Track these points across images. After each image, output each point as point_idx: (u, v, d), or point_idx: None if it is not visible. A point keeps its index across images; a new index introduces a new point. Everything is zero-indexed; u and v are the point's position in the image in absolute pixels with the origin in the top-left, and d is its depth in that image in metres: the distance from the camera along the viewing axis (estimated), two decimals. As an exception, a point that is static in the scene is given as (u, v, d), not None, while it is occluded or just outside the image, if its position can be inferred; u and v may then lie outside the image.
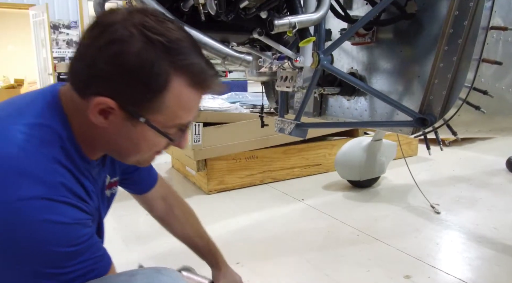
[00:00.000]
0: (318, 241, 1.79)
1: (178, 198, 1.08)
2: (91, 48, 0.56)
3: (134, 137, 0.62)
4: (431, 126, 0.89)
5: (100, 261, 0.63)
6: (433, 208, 2.13)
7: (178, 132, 0.64)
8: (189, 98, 0.60)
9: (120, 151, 0.66)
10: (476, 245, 1.72)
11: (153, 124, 0.59)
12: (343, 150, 2.43)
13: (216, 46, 0.74)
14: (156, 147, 0.65)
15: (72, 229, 0.57)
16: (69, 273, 0.58)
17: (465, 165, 3.07)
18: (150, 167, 0.98)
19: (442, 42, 0.88)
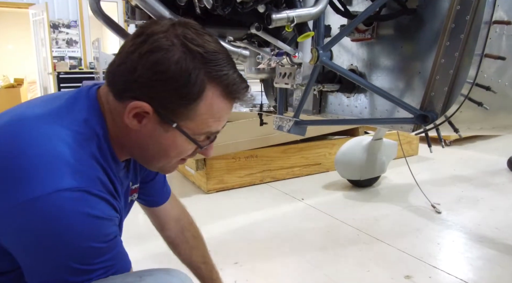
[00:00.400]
0: (318, 240, 1.77)
1: (191, 221, 1.07)
2: (133, 54, 0.59)
3: (164, 142, 0.64)
4: (433, 123, 0.87)
5: (122, 261, 0.63)
6: (434, 207, 2.11)
7: (206, 140, 0.66)
8: (221, 108, 0.62)
9: (147, 156, 0.68)
10: (478, 245, 1.70)
11: (184, 130, 0.62)
12: (343, 149, 2.41)
13: (211, 39, 0.72)
14: (183, 154, 0.67)
15: (104, 224, 0.58)
16: (93, 271, 0.57)
17: (466, 164, 3.05)
18: (164, 181, 0.98)
19: (443, 37, 0.86)
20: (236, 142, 2.42)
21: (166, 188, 0.99)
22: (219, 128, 0.65)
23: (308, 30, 0.79)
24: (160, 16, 0.67)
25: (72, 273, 0.56)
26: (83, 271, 0.56)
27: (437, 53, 0.87)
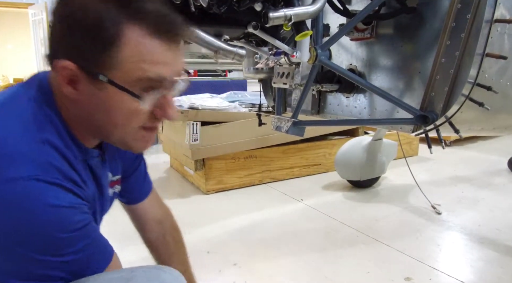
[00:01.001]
0: (317, 241, 1.76)
1: (174, 225, 1.01)
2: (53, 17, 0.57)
3: (104, 104, 0.57)
4: (433, 124, 0.86)
5: (100, 252, 0.59)
6: (434, 208, 2.10)
7: (151, 92, 0.58)
8: (152, 49, 0.55)
9: (100, 128, 0.61)
10: (478, 246, 1.69)
11: (114, 81, 0.55)
12: (343, 149, 2.40)
13: (207, 39, 0.71)
14: (133, 116, 0.59)
15: (65, 213, 0.53)
16: (64, 263, 0.54)
17: (466, 165, 3.04)
18: (145, 176, 0.92)
19: (444, 36, 0.85)
20: (235, 143, 2.40)
21: (146, 184, 0.93)
22: (161, 72, 0.56)
23: (306, 29, 0.78)
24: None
25: (37, 264, 0.53)
26: (52, 262, 0.53)
27: (437, 53, 0.86)
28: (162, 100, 0.60)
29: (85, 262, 0.56)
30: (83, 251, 0.56)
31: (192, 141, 2.35)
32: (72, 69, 0.55)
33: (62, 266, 0.54)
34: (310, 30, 0.77)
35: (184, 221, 0.75)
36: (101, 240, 0.61)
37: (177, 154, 2.81)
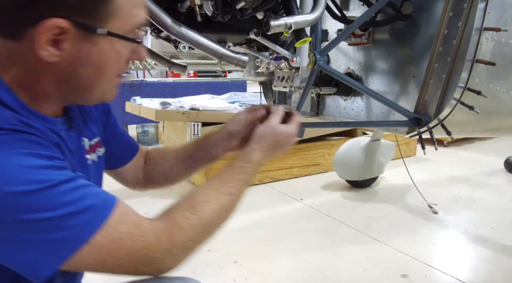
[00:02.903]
0: (316, 240, 1.80)
1: (153, 153, 0.93)
2: None
3: (96, 59, 0.55)
4: (426, 126, 0.90)
5: (98, 200, 0.54)
6: (431, 208, 2.13)
7: (138, 36, 0.59)
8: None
9: (81, 88, 0.58)
10: (474, 244, 1.73)
11: (116, 33, 0.54)
12: (342, 150, 2.43)
13: (212, 46, 0.75)
14: (119, 64, 0.59)
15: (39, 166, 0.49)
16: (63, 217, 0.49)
17: (463, 165, 3.07)
18: (124, 134, 0.87)
19: (437, 43, 0.89)
20: (235, 143, 2.43)
21: (131, 141, 0.88)
22: (143, 16, 0.58)
23: (306, 36, 0.81)
24: (162, 22, 0.69)
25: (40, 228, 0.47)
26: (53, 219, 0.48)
27: (430, 58, 0.90)
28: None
29: (85, 213, 0.51)
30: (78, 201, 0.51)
31: (193, 142, 2.38)
32: (63, 27, 0.51)
33: (62, 221, 0.49)
34: (309, 37, 0.81)
35: None
36: (96, 190, 0.56)
37: (178, 154, 2.84)
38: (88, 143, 0.70)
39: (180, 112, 2.40)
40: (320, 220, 2.03)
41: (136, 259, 0.54)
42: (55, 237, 0.49)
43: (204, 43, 0.74)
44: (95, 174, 0.73)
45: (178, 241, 0.57)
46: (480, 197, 2.34)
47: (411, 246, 1.70)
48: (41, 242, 0.48)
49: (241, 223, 1.99)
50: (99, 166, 0.75)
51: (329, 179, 2.68)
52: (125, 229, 0.54)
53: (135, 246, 0.54)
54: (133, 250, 0.54)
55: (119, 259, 0.53)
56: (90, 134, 0.72)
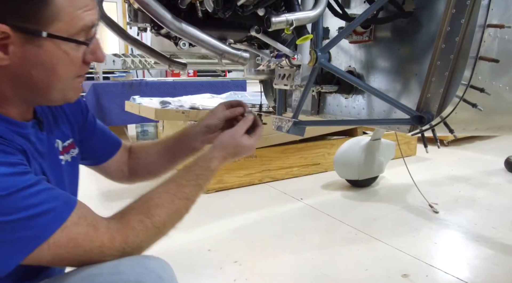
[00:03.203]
0: (317, 240, 1.79)
1: (135, 145, 0.99)
2: None
3: (45, 61, 0.58)
4: (428, 124, 0.89)
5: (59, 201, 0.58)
6: (431, 207, 2.13)
7: (88, 40, 0.61)
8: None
9: (37, 90, 0.61)
10: (475, 244, 1.72)
11: (58, 35, 0.56)
12: (342, 149, 2.42)
13: (212, 42, 0.74)
14: (74, 65, 0.61)
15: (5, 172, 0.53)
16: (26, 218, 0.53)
17: (464, 165, 3.07)
18: (104, 131, 0.90)
19: (439, 40, 0.88)
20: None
21: (113, 137, 0.91)
22: (93, 18, 0.60)
23: (307, 33, 0.81)
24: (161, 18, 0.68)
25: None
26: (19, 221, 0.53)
27: (433, 55, 0.89)
28: (92, 45, 0.63)
29: (45, 215, 0.55)
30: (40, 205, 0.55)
31: (193, 141, 2.37)
32: (5, 32, 0.53)
33: (24, 223, 0.53)
34: (310, 34, 0.81)
35: (185, 220, 0.76)
36: (57, 193, 0.59)
37: (177, 153, 2.83)
38: (61, 144, 0.74)
39: (179, 111, 2.40)
40: (320, 219, 2.02)
41: (91, 256, 0.60)
42: (17, 237, 0.54)
43: (204, 40, 0.73)
44: (70, 174, 0.76)
45: (131, 243, 0.63)
46: (480, 197, 2.33)
47: (412, 245, 1.70)
48: (4, 242, 0.54)
49: (241, 222, 1.98)
50: (74, 166, 0.79)
51: (329, 178, 2.68)
52: (82, 229, 0.59)
53: (91, 245, 0.60)
54: (89, 249, 0.59)
55: (76, 256, 0.59)
56: (63, 135, 0.75)
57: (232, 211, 2.13)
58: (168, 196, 0.70)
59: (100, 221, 0.62)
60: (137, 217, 0.65)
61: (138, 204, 0.68)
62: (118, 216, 0.66)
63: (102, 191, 2.49)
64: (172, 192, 0.71)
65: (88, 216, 0.61)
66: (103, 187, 2.56)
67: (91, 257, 0.60)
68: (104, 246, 0.61)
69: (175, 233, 0.75)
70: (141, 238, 0.64)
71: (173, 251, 1.64)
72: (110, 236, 0.61)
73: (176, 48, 0.85)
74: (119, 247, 0.62)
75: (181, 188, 0.72)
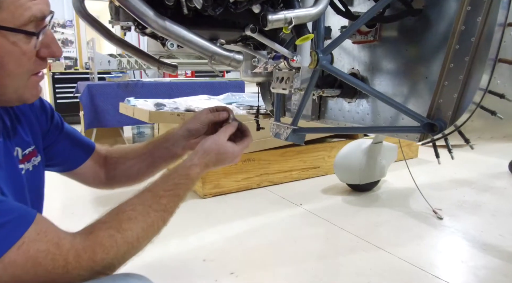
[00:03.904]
0: (317, 248, 1.72)
1: (112, 149, 0.93)
2: None
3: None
4: (441, 133, 0.82)
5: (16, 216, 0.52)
6: (435, 213, 2.06)
7: (39, 32, 0.57)
8: None
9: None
10: (481, 253, 1.65)
11: (1, 25, 0.53)
12: (343, 152, 2.36)
13: (201, 43, 0.66)
14: (25, 60, 0.57)
15: None
16: None
17: (466, 167, 3.00)
18: (78, 134, 0.86)
19: (452, 40, 0.80)
20: (232, 146, 2.35)
21: (84, 141, 0.86)
22: (42, 8, 0.57)
23: (307, 32, 0.73)
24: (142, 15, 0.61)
25: None
26: None
27: (445, 57, 0.81)
28: (46, 39, 0.59)
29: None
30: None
31: (189, 144, 2.30)
32: None
33: None
34: (311, 33, 0.73)
35: (179, 227, 0.70)
36: (12, 206, 0.54)
37: (173, 157, 2.76)
38: (21, 152, 0.69)
39: (175, 113, 2.32)
40: (320, 226, 1.95)
41: (55, 277, 0.54)
42: None
43: (191, 39, 0.65)
44: (32, 184, 0.71)
45: (100, 261, 0.58)
46: (485, 202, 2.27)
47: (416, 255, 1.63)
48: None
49: (237, 230, 1.91)
50: (36, 175, 0.73)
51: (329, 182, 2.61)
52: (42, 247, 0.53)
53: (53, 265, 0.54)
54: (51, 269, 0.54)
55: (37, 276, 0.53)
56: (24, 143, 0.70)
57: (229, 217, 2.06)
58: (142, 208, 0.65)
59: (63, 237, 0.56)
60: (106, 232, 0.60)
61: (108, 217, 0.63)
62: (86, 231, 0.60)
63: (96, 196, 2.42)
64: (147, 204, 0.66)
65: (49, 231, 0.55)
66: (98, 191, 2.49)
67: (55, 278, 0.54)
68: (69, 264, 0.55)
69: (169, 241, 0.69)
70: (112, 255, 0.59)
71: (167, 260, 1.57)
72: (76, 254, 0.56)
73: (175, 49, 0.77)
74: (87, 266, 0.56)
75: (157, 199, 0.67)
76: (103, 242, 0.58)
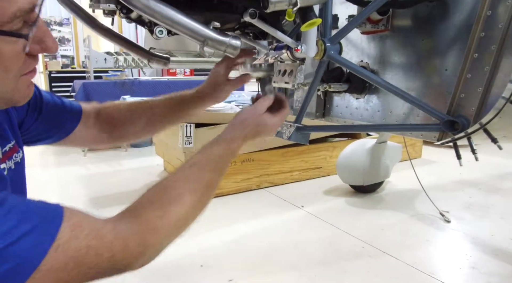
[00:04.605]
0: (319, 254, 1.63)
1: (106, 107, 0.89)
2: None
3: None
4: (464, 131, 0.73)
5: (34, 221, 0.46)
6: (442, 216, 1.98)
7: (28, 27, 0.48)
8: None
9: None
10: (493, 259, 1.57)
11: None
12: (345, 152, 2.28)
13: (191, 25, 0.57)
14: (15, 61, 0.49)
15: None
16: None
17: (472, 168, 2.91)
18: (68, 102, 0.80)
19: (477, 27, 0.71)
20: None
21: (68, 107, 0.80)
22: (25, 1, 0.47)
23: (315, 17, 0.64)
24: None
25: None
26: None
27: (468, 47, 0.72)
28: (38, 33, 0.50)
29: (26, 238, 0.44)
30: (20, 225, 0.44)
31: (186, 144, 2.22)
32: None
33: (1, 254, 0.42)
34: (319, 18, 0.64)
35: None
36: (33, 205, 0.48)
37: (170, 157, 2.68)
38: (0, 150, 0.63)
39: (171, 112, 2.23)
40: (323, 230, 1.86)
41: (103, 270, 0.50)
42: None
43: (179, 21, 0.56)
44: (15, 184, 0.65)
45: (151, 244, 0.54)
46: (494, 204, 2.18)
47: (424, 260, 1.54)
48: None
49: (236, 233, 1.83)
50: (18, 173, 0.68)
51: (332, 183, 2.53)
52: (81, 244, 0.47)
53: (98, 260, 0.49)
54: (97, 264, 0.49)
55: (83, 275, 0.48)
56: (3, 139, 0.64)
57: (228, 220, 1.97)
58: (188, 185, 0.61)
59: (103, 227, 0.50)
60: (153, 214, 0.55)
61: (154, 196, 0.58)
62: (129, 215, 0.54)
63: (90, 197, 2.34)
64: (192, 180, 0.62)
65: (84, 224, 0.49)
66: (91, 193, 2.41)
67: (104, 271, 0.50)
68: (117, 256, 0.50)
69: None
70: (162, 237, 0.55)
71: (162, 266, 1.49)
72: (123, 243, 0.51)
73: (172, 44, 0.68)
74: (137, 252, 0.52)
75: (202, 174, 0.63)
76: (151, 225, 0.53)
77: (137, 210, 0.55)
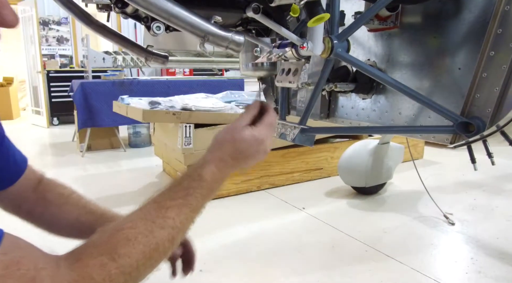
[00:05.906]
0: (322, 258, 1.59)
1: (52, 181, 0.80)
2: None
3: None
4: (479, 134, 0.69)
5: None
6: (446, 218, 1.94)
7: None
8: None
9: None
10: (500, 262, 1.53)
11: None
12: (347, 153, 2.24)
13: (190, 19, 0.53)
14: None
15: None
16: None
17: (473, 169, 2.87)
18: (9, 146, 0.70)
19: (494, 23, 0.68)
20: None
21: (18, 156, 0.72)
22: None
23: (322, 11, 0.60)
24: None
25: None
26: None
27: (484, 44, 0.69)
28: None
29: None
30: None
31: (185, 145, 2.18)
32: None
33: None
34: (327, 13, 0.60)
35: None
36: None
37: (169, 158, 2.64)
38: None
39: (170, 112, 2.19)
40: (325, 233, 1.82)
41: None
42: None
43: (178, 15, 0.52)
44: None
45: None
46: (498, 205, 2.15)
47: (429, 265, 1.50)
48: None
49: (236, 236, 1.79)
50: None
51: (333, 184, 2.50)
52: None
53: None
54: None
55: None
56: None
57: (228, 223, 1.93)
58: (144, 224, 0.51)
59: (41, 269, 0.44)
60: (97, 260, 0.47)
61: (101, 239, 0.50)
62: (71, 260, 0.47)
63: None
64: (150, 219, 0.52)
65: (22, 262, 0.42)
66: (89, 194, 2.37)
67: None
68: None
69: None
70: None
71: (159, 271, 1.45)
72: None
73: (172, 43, 0.63)
74: None
75: (163, 212, 0.53)
76: (92, 274, 0.46)
77: (81, 255, 0.48)
